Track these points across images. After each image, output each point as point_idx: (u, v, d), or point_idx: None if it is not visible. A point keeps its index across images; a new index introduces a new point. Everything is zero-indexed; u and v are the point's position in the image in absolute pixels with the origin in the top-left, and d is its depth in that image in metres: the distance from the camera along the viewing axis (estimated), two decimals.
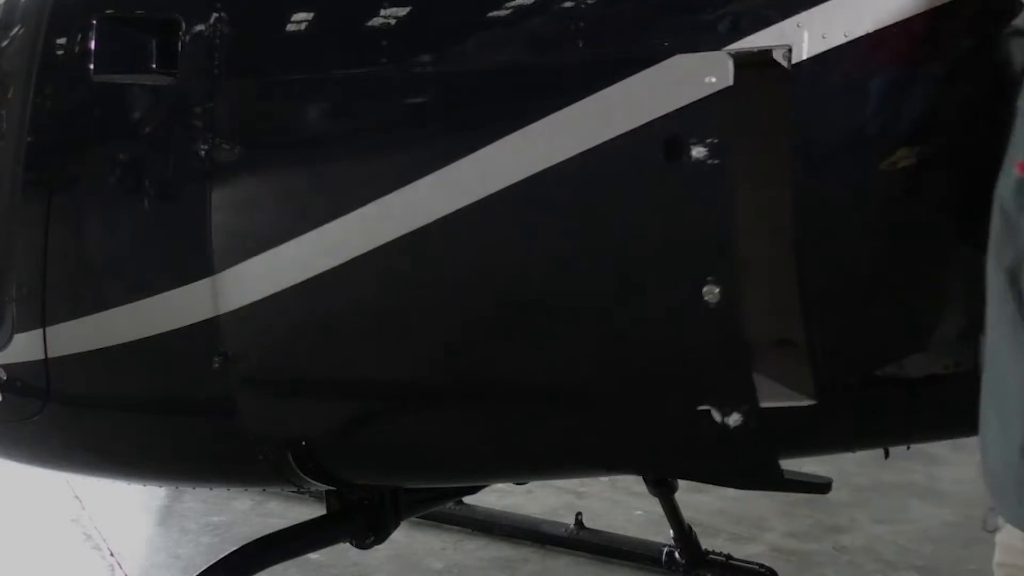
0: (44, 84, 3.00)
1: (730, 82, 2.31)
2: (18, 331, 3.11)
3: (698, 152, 2.35)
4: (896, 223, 2.45)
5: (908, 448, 4.07)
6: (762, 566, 4.45)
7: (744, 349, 2.52)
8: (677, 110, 2.37)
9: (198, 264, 2.79)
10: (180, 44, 2.79)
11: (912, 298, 2.49)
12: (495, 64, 2.63)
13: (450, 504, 4.58)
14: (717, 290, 2.41)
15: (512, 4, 2.65)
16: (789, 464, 4.14)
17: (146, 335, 2.94)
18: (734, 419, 2.50)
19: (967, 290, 2.45)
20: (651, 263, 2.52)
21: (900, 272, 2.44)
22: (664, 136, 2.39)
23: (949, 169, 2.40)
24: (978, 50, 2.29)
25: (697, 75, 2.35)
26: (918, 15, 2.28)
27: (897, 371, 2.55)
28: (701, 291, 2.41)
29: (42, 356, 3.07)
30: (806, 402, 2.58)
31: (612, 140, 2.43)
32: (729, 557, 4.47)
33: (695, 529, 4.49)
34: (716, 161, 2.35)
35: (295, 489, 3.55)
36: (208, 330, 2.81)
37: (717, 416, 2.52)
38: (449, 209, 2.56)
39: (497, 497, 5.05)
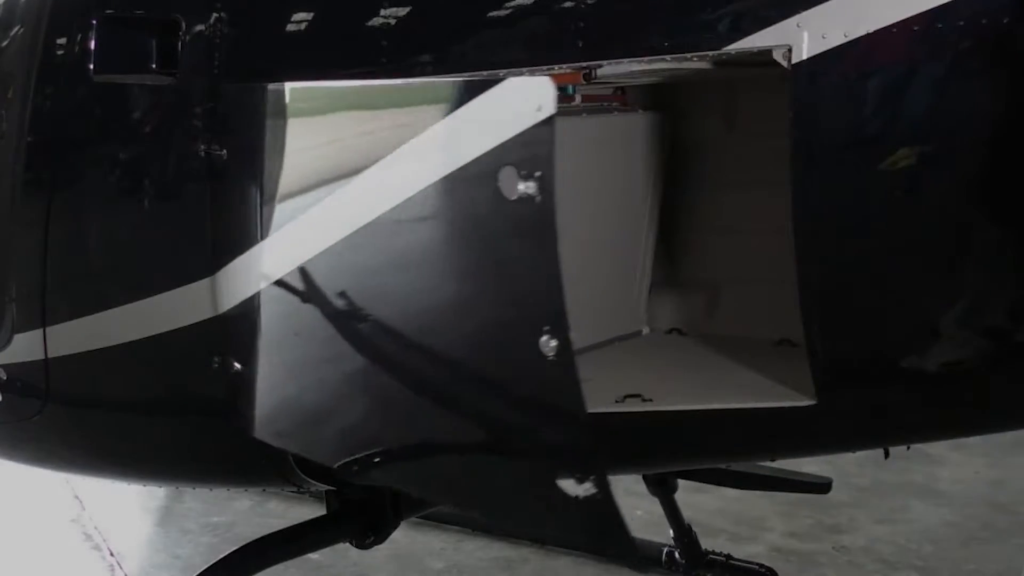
0: (44, 84, 3.00)
1: (553, 110, 2.13)
2: (18, 331, 3.11)
3: (525, 188, 2.15)
4: (896, 223, 2.45)
5: (908, 448, 4.08)
6: (762, 566, 4.44)
7: (583, 411, 2.23)
8: (505, 141, 2.18)
9: (198, 264, 2.79)
10: (180, 44, 2.79)
11: (913, 298, 2.49)
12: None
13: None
14: (554, 343, 2.16)
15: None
16: (789, 464, 4.17)
17: (146, 335, 2.94)
18: (584, 488, 2.25)
19: (968, 290, 2.46)
20: (487, 312, 2.33)
21: (901, 272, 2.44)
22: (494, 170, 2.20)
23: (950, 169, 2.40)
24: (978, 49, 2.29)
25: (528, 101, 2.18)
26: (918, 15, 2.28)
27: (897, 371, 2.55)
28: (538, 343, 2.17)
29: (42, 356, 3.07)
30: (806, 402, 2.58)
31: (445, 177, 2.28)
32: (729, 557, 4.47)
33: (695, 529, 4.48)
34: (542, 197, 2.15)
35: (295, 489, 3.55)
36: (208, 330, 2.81)
37: (563, 481, 2.28)
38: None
39: None
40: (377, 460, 2.67)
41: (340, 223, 2.47)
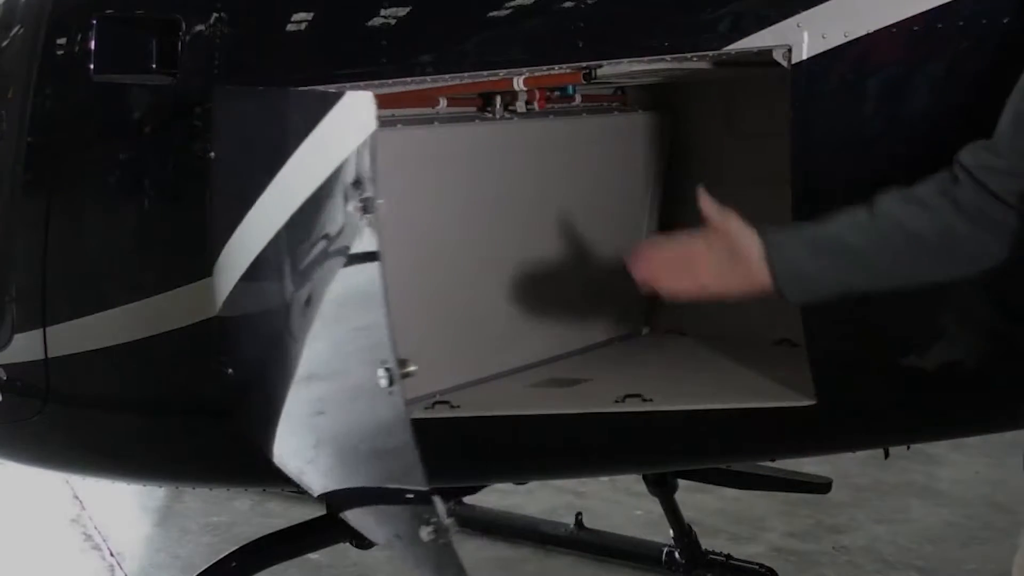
0: (44, 84, 3.00)
1: (374, 127, 2.04)
2: (18, 331, 3.11)
3: (354, 209, 2.05)
4: None
5: (908, 448, 4.07)
6: (762, 566, 4.44)
7: (413, 453, 2.13)
8: (345, 160, 2.08)
9: (198, 264, 2.79)
10: (180, 44, 2.79)
11: (913, 298, 2.49)
12: None
13: (450, 504, 4.57)
14: (387, 377, 2.09)
15: None
16: (789, 464, 4.16)
17: (146, 335, 2.94)
18: (425, 533, 2.22)
19: (968, 289, 2.45)
20: (338, 342, 2.29)
21: None
22: (320, 190, 2.13)
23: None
24: (979, 49, 2.29)
25: (347, 117, 2.08)
26: (918, 15, 2.28)
27: (897, 371, 2.55)
28: (375, 376, 2.10)
29: (42, 356, 3.07)
30: (806, 402, 2.58)
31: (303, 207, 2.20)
32: (729, 557, 4.46)
33: (695, 529, 4.48)
34: (366, 222, 2.02)
35: (295, 489, 3.54)
36: (207, 330, 2.81)
37: (402, 516, 2.27)
38: None
39: (497, 497, 5.05)
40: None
41: (253, 241, 2.47)
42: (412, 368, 2.13)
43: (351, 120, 2.07)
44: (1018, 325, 2.23)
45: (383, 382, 2.09)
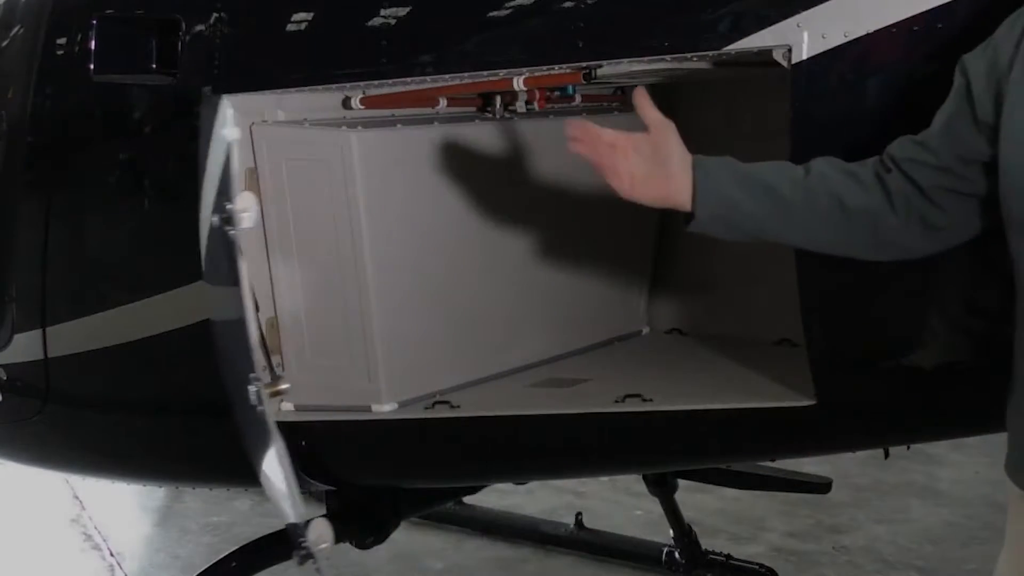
0: (44, 84, 3.00)
1: (238, 135, 2.04)
2: (18, 331, 3.11)
3: (220, 221, 2.05)
4: None
5: (908, 448, 4.07)
6: (762, 566, 4.44)
7: (287, 472, 2.20)
8: (216, 168, 2.08)
9: (197, 264, 2.79)
10: (180, 44, 2.79)
11: (914, 298, 2.49)
12: None
13: (450, 504, 4.58)
14: (255, 390, 2.09)
15: None
16: (789, 464, 4.16)
17: (146, 335, 2.94)
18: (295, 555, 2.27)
19: (969, 289, 2.45)
20: (237, 359, 2.31)
21: (901, 271, 2.44)
22: (211, 205, 2.12)
23: None
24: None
25: (221, 123, 2.07)
26: (918, 15, 2.28)
27: (897, 371, 2.55)
28: (247, 389, 2.11)
29: (42, 356, 3.07)
30: (806, 402, 2.58)
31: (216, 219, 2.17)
32: (729, 557, 4.46)
33: (695, 529, 4.48)
34: (234, 233, 2.02)
35: None
36: (207, 330, 2.81)
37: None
38: None
39: (497, 497, 5.05)
40: None
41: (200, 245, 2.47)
42: (284, 386, 2.11)
43: (218, 127, 2.04)
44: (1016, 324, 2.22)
45: (252, 398, 2.08)
